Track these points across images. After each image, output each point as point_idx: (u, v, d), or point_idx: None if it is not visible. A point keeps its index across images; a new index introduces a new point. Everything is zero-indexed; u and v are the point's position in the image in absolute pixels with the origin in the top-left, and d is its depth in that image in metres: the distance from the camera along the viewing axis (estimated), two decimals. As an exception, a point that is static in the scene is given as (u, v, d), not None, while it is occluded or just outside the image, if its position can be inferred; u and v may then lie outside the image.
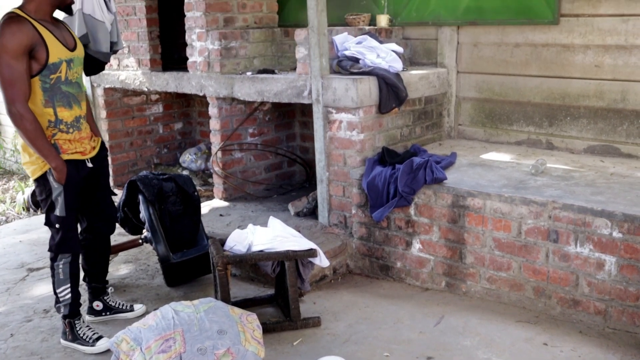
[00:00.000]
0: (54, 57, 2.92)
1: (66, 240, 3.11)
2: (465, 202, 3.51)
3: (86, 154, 3.15)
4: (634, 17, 3.85)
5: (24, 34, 2.83)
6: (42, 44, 2.88)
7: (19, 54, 2.82)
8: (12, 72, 2.82)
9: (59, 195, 3.03)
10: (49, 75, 2.93)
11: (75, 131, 3.08)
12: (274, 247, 3.34)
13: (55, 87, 2.96)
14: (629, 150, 4.03)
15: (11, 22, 2.84)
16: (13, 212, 6.98)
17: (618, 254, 3.06)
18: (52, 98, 2.97)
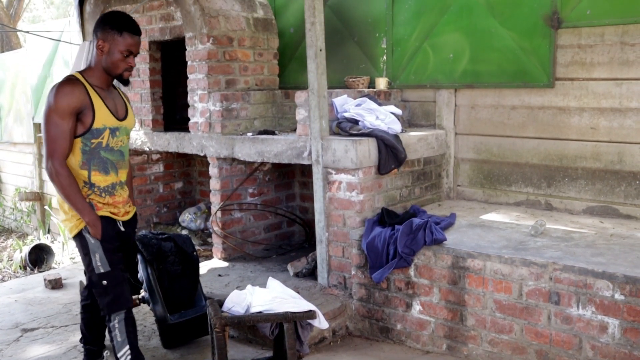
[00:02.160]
0: (98, 123, 3.01)
1: (117, 297, 3.06)
2: (465, 263, 3.49)
3: (119, 216, 3.17)
4: (627, 81, 3.93)
5: (75, 97, 2.94)
6: (89, 109, 2.98)
7: (66, 114, 2.92)
8: (57, 130, 2.92)
9: (96, 252, 3.03)
10: (91, 139, 3.01)
11: (108, 196, 3.11)
12: (273, 308, 3.29)
13: (94, 152, 3.03)
14: (628, 211, 4.04)
15: (66, 84, 2.98)
16: (10, 271, 6.92)
17: (621, 317, 3.03)
18: (89, 161, 3.04)
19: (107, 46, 3.02)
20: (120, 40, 3.03)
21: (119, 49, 3.03)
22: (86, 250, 3.04)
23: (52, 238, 8.03)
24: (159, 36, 5.25)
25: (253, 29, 5.10)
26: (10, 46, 12.71)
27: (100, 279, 3.03)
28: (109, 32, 3.03)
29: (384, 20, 4.88)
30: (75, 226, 3.04)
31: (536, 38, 4.18)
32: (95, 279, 3.04)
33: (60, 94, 2.93)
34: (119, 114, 3.13)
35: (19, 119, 8.66)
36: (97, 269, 3.03)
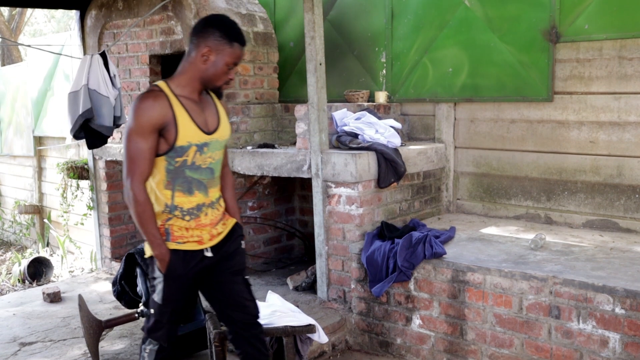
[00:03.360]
0: (182, 140, 2.67)
1: (156, 329, 2.82)
2: (465, 277, 3.49)
3: (203, 243, 2.79)
4: (625, 94, 3.95)
5: (156, 112, 2.63)
6: (173, 125, 2.65)
7: (146, 132, 2.62)
8: (136, 148, 2.63)
9: (159, 283, 2.76)
10: (175, 158, 2.69)
11: (193, 219, 2.76)
12: (272, 322, 3.28)
13: (179, 171, 2.71)
14: (628, 225, 4.04)
15: (148, 97, 2.66)
16: (8, 284, 6.90)
17: (622, 331, 3.02)
18: (173, 181, 2.72)
19: (213, 56, 2.69)
20: (230, 51, 2.71)
21: (226, 60, 2.71)
22: (153, 274, 2.80)
23: (51, 251, 8.01)
24: (159, 50, 5.28)
25: (253, 43, 5.12)
26: (12, 59, 12.76)
27: (152, 305, 2.81)
28: (219, 41, 2.69)
29: (384, 34, 4.90)
30: (149, 250, 2.79)
31: (535, 52, 4.20)
32: (150, 302, 2.84)
33: (141, 109, 2.63)
34: (209, 127, 2.77)
35: (19, 132, 8.67)
36: (154, 296, 2.80)
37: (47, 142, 8.12)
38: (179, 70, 2.77)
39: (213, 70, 2.72)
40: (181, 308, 2.90)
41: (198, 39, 2.72)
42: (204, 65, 2.71)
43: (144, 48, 5.39)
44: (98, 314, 4.28)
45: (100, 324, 3.80)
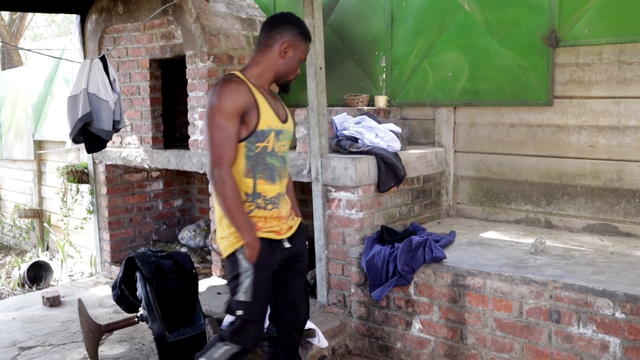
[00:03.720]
0: (264, 124, 2.71)
1: (243, 331, 2.74)
2: (465, 281, 3.48)
3: (282, 234, 2.81)
4: (625, 99, 3.95)
5: (241, 96, 2.66)
6: (255, 109, 2.70)
7: (232, 115, 2.64)
8: (223, 133, 2.63)
9: (247, 277, 2.70)
10: (255, 143, 2.71)
11: (275, 208, 2.78)
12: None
13: (259, 157, 2.73)
14: (628, 229, 4.04)
15: (230, 82, 2.69)
16: (8, 288, 6.89)
17: (622, 335, 3.01)
18: (254, 168, 2.73)
19: (291, 51, 2.80)
20: (304, 47, 2.85)
21: (301, 56, 2.85)
22: (236, 273, 2.72)
23: (50, 255, 8.00)
24: (159, 54, 5.28)
25: (253, 47, 5.13)
26: (12, 64, 12.77)
27: (237, 307, 2.72)
28: (298, 37, 2.81)
29: (384, 39, 4.91)
30: (231, 245, 2.73)
31: (534, 57, 4.21)
32: (233, 305, 2.73)
33: (226, 92, 2.65)
34: (282, 117, 2.85)
35: (19, 136, 8.68)
36: (239, 295, 2.71)
37: (47, 146, 8.12)
38: (252, 63, 2.83)
39: (289, 64, 2.83)
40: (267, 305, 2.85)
41: (276, 33, 2.80)
42: (282, 59, 2.81)
43: (144, 52, 5.40)
44: (98, 318, 4.27)
45: (99, 328, 3.79)
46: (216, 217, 2.82)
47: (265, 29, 2.84)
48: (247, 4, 5.36)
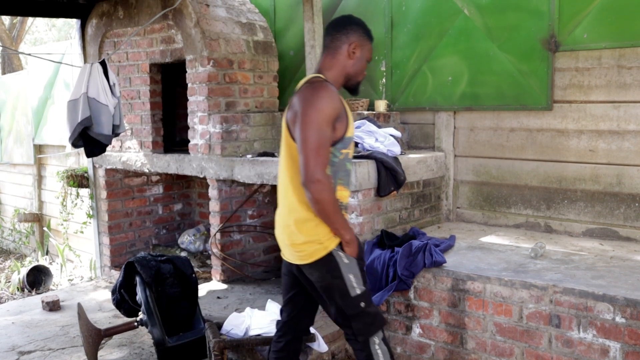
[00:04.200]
0: (350, 131, 2.73)
1: (376, 315, 2.79)
2: (465, 285, 3.48)
3: None
4: (624, 103, 3.95)
5: (338, 101, 2.66)
6: (344, 115, 2.70)
7: (330, 120, 2.62)
8: (322, 137, 2.59)
9: (351, 272, 2.71)
10: (341, 149, 2.71)
11: (345, 214, 2.82)
12: (272, 331, 3.28)
13: (342, 163, 2.74)
14: (628, 234, 4.03)
15: (328, 86, 2.67)
16: (7, 293, 6.89)
17: (622, 340, 3.01)
18: (335, 174, 2.72)
19: (359, 51, 2.81)
20: (370, 47, 2.86)
21: (367, 56, 2.85)
22: (337, 273, 2.70)
23: (50, 259, 8.00)
24: (159, 58, 5.29)
25: (253, 51, 5.14)
26: (12, 68, 12.79)
27: (358, 302, 2.72)
28: (364, 37, 2.82)
29: (383, 43, 4.92)
30: (324, 248, 2.70)
31: (534, 61, 4.21)
32: (353, 303, 2.72)
33: (326, 97, 2.62)
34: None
35: (19, 140, 8.68)
36: (354, 290, 2.71)
37: (47, 150, 8.12)
38: (323, 67, 2.82)
39: (358, 65, 2.82)
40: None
41: (342, 35, 2.80)
42: (350, 60, 2.81)
43: (144, 56, 5.41)
44: (97, 323, 4.27)
45: (99, 332, 3.79)
46: (291, 222, 2.75)
47: (330, 32, 2.84)
48: (247, 9, 5.38)
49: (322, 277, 2.74)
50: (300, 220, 2.71)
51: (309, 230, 2.70)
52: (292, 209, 2.74)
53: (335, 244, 2.72)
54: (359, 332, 2.76)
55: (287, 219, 2.76)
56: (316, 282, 2.77)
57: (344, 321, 2.80)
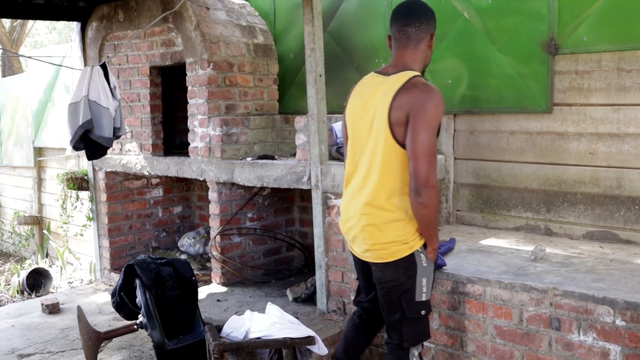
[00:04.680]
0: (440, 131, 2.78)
1: (427, 327, 2.85)
2: (465, 288, 3.48)
3: None
4: (624, 106, 3.96)
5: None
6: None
7: (439, 125, 2.66)
8: (435, 142, 2.60)
9: (426, 277, 2.75)
10: None
11: None
12: (272, 334, 3.28)
13: None
14: (628, 236, 4.03)
15: (437, 89, 2.65)
16: (7, 295, 6.88)
17: (622, 343, 3.00)
18: None
19: (433, 41, 2.79)
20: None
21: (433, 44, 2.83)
22: (412, 273, 2.73)
23: (50, 262, 8.00)
24: (159, 61, 5.30)
25: (253, 54, 5.15)
26: (12, 71, 12.79)
27: (420, 308, 2.75)
28: (434, 25, 2.77)
29: (383, 46, 4.92)
30: (409, 247, 2.73)
31: (534, 64, 4.22)
32: (415, 307, 2.75)
33: (440, 101, 2.61)
34: None
35: (19, 143, 8.69)
36: (421, 295, 2.75)
37: (47, 153, 8.12)
38: (411, 61, 2.75)
39: (431, 54, 2.79)
40: None
41: (425, 25, 2.73)
42: (429, 52, 2.78)
43: (144, 59, 5.41)
44: (97, 326, 4.26)
45: (99, 335, 3.78)
46: (378, 222, 2.73)
47: (414, 22, 2.74)
48: (247, 12, 5.38)
49: (396, 276, 2.76)
50: (389, 221, 2.71)
51: (396, 230, 2.72)
52: (379, 210, 2.72)
53: (420, 245, 2.76)
54: (407, 338, 2.77)
55: (371, 220, 2.74)
56: (388, 280, 2.78)
57: (397, 324, 2.81)
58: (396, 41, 2.82)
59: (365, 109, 2.76)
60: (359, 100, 2.84)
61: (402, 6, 2.86)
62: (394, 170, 2.67)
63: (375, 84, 2.79)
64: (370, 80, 2.87)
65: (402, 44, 2.78)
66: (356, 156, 2.82)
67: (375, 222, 2.73)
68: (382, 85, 2.75)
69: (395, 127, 2.63)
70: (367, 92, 2.80)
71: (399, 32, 2.79)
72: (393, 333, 2.87)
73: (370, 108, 2.74)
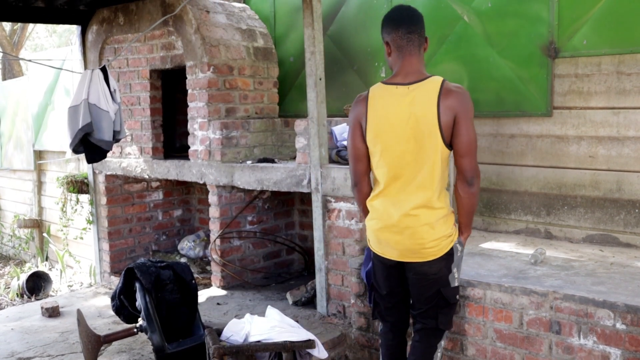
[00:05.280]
0: None
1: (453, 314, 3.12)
2: (465, 292, 3.47)
3: None
4: (624, 109, 3.96)
5: None
6: None
7: None
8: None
9: (459, 265, 3.00)
10: None
11: None
12: (272, 337, 3.27)
13: None
14: (628, 240, 4.03)
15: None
16: (7, 299, 6.88)
17: (623, 347, 3.00)
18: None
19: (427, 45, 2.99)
20: None
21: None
22: (450, 263, 2.94)
23: (50, 265, 7.99)
24: (159, 65, 5.30)
25: (253, 58, 5.15)
26: (12, 74, 12.80)
27: (455, 293, 2.99)
28: None
29: (383, 49, 4.91)
30: (451, 240, 2.92)
31: (534, 67, 4.22)
32: (453, 293, 2.99)
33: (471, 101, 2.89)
34: None
35: (19, 146, 8.69)
36: (454, 281, 2.97)
37: (47, 156, 8.13)
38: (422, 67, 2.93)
39: None
40: None
41: (423, 30, 2.93)
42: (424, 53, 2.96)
43: (144, 63, 5.42)
44: (97, 329, 4.26)
45: (98, 339, 3.78)
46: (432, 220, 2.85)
47: (417, 28, 2.90)
48: (247, 15, 5.39)
49: (440, 268, 2.91)
50: (439, 218, 2.85)
51: (443, 226, 2.87)
52: (431, 209, 2.83)
53: (457, 235, 2.96)
54: (443, 322, 3.00)
55: (425, 219, 2.83)
56: (433, 274, 2.92)
57: (432, 312, 2.99)
58: (401, 49, 2.91)
59: (400, 119, 2.82)
60: (385, 112, 2.87)
61: (401, 13, 2.96)
62: (443, 170, 2.85)
63: (401, 94, 2.85)
64: (389, 91, 2.90)
65: (409, 50, 2.89)
66: (395, 163, 2.87)
67: (429, 221, 2.84)
68: (411, 94, 2.82)
69: (445, 131, 2.78)
70: (394, 103, 2.85)
71: (403, 39, 2.89)
72: (427, 320, 3.03)
73: (408, 117, 2.80)
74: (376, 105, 2.89)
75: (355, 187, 3.08)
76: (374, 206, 2.97)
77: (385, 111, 2.86)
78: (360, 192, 3.07)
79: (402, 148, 2.83)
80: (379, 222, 2.94)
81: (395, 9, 3.01)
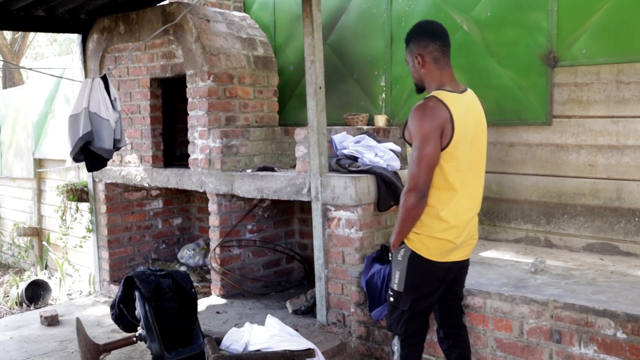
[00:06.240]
0: None
1: None
2: (465, 300, 3.47)
3: None
4: (623, 118, 3.97)
5: None
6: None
7: None
8: None
9: None
10: None
11: None
12: (271, 346, 3.27)
13: None
14: (628, 249, 4.03)
15: None
16: (6, 307, 6.86)
17: (623, 356, 2.99)
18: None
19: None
20: None
21: None
22: None
23: (49, 274, 7.98)
24: (160, 73, 5.31)
25: (253, 66, 5.17)
26: (13, 82, 12.83)
27: None
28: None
29: (383, 58, 4.94)
30: None
31: (533, 76, 4.23)
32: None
33: None
34: None
35: (20, 154, 8.70)
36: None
37: (47, 164, 8.13)
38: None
39: None
40: None
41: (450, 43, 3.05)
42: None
43: (145, 71, 5.43)
44: (96, 338, 4.25)
45: (98, 347, 3.77)
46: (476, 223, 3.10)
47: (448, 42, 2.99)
48: (248, 24, 5.41)
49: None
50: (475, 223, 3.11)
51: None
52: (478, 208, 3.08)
53: None
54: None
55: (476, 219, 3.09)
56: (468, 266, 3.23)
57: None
58: (438, 61, 2.98)
59: (479, 128, 2.99)
60: (462, 117, 2.90)
61: (436, 27, 3.03)
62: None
63: (464, 101, 2.96)
64: (453, 98, 2.93)
65: (445, 62, 2.99)
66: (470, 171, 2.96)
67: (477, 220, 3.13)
68: (470, 102, 3.00)
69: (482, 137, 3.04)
70: (464, 109, 2.92)
71: (439, 52, 2.97)
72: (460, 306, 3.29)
73: (474, 123, 2.95)
74: (455, 109, 2.89)
75: (423, 198, 2.84)
76: (451, 211, 2.91)
77: (463, 116, 2.89)
78: (424, 204, 2.88)
79: (475, 157, 2.98)
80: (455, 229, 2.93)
81: (425, 23, 3.07)
